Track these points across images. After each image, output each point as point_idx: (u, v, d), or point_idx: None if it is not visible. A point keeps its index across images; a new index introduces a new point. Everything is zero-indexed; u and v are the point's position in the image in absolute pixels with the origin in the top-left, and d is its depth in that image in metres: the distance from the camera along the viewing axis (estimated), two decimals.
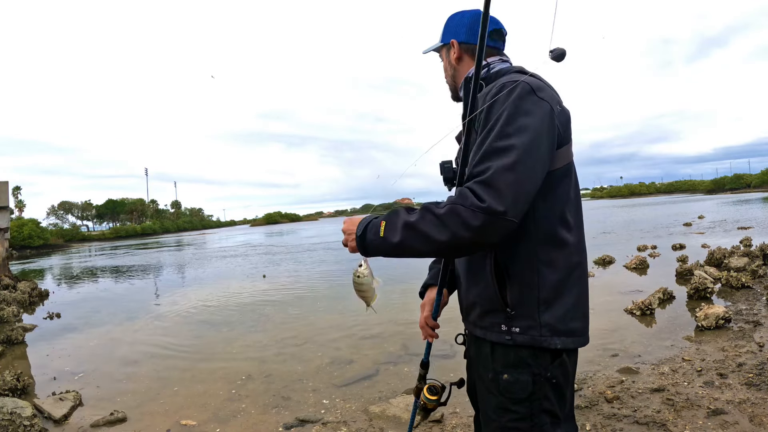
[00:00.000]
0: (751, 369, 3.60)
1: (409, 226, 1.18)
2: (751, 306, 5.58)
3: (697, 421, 2.88)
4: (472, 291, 1.38)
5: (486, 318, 1.33)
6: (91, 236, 78.28)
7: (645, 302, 5.75)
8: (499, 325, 1.29)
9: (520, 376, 1.26)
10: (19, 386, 4.33)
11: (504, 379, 1.27)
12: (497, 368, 1.30)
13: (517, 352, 1.28)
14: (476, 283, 1.35)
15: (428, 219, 1.16)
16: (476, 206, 1.10)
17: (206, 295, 10.07)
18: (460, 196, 1.14)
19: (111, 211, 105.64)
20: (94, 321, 7.97)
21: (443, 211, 1.14)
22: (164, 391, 4.28)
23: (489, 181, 1.11)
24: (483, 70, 1.39)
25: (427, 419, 1.61)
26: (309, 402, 3.80)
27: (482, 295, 1.33)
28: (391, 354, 4.94)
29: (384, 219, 1.25)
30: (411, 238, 1.18)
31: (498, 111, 1.21)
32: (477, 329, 1.38)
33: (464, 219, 1.11)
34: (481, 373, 1.38)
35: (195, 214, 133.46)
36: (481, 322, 1.35)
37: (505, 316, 1.28)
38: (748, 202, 38.32)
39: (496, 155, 1.14)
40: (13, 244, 33.91)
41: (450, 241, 1.13)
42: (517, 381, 1.26)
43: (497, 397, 1.29)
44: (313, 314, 7.31)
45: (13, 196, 73.78)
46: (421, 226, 1.16)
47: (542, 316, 1.26)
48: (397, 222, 1.21)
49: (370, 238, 1.26)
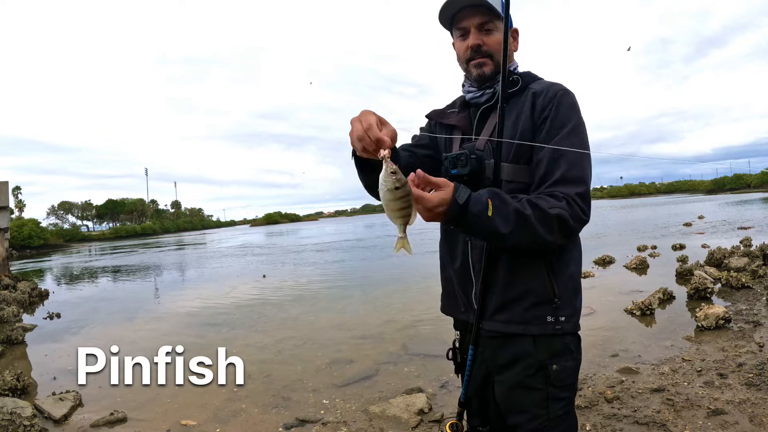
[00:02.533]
0: (751, 369, 3.60)
1: (523, 217, 1.22)
2: (751, 306, 5.58)
3: (697, 421, 2.88)
4: (516, 286, 1.36)
5: (530, 311, 1.35)
6: (91, 236, 78.37)
7: (645, 302, 5.75)
8: (545, 316, 1.35)
9: (567, 363, 1.35)
10: (19, 386, 4.33)
11: (554, 369, 1.33)
12: (543, 360, 1.34)
13: (562, 340, 1.35)
14: (522, 277, 1.36)
15: (539, 216, 1.23)
16: (580, 219, 1.26)
17: (206, 295, 10.07)
18: (569, 205, 1.25)
19: (111, 211, 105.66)
20: (94, 321, 7.96)
21: (554, 213, 1.23)
22: (164, 392, 4.27)
23: (586, 195, 1.27)
24: (515, 67, 1.49)
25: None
26: (309, 402, 3.80)
27: (530, 288, 1.36)
28: (391, 354, 4.94)
29: (488, 197, 1.22)
30: (522, 229, 1.22)
31: (573, 118, 1.33)
32: (512, 326, 1.37)
33: (569, 227, 1.25)
34: (513, 375, 1.37)
35: (195, 214, 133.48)
36: (522, 316, 1.36)
37: (553, 306, 1.34)
38: (748, 202, 38.32)
39: (583, 170, 1.29)
40: (13, 244, 33.92)
41: (551, 242, 1.25)
42: (565, 369, 1.35)
43: (543, 390, 1.34)
44: (313, 314, 7.31)
45: (13, 196, 73.84)
46: (533, 220, 1.22)
47: (576, 304, 1.39)
48: (507, 208, 1.22)
49: (476, 210, 1.19)
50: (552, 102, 1.34)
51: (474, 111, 1.52)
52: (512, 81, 1.42)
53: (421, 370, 4.35)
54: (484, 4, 1.39)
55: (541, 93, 1.37)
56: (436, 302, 1.67)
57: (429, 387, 3.89)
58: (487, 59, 1.44)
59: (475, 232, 1.27)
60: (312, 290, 9.72)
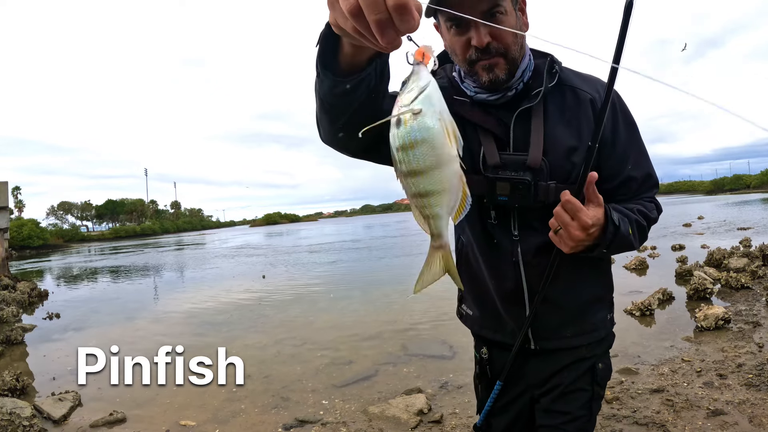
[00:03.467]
0: (751, 369, 3.60)
1: (643, 229, 1.23)
2: (750, 307, 5.58)
3: (697, 421, 2.88)
4: (586, 290, 1.29)
5: (598, 314, 1.33)
6: (91, 236, 78.31)
7: (644, 303, 5.75)
8: (607, 315, 1.35)
9: (607, 360, 1.35)
10: (19, 386, 4.33)
11: (600, 368, 1.32)
12: (594, 361, 1.32)
13: (608, 338, 1.36)
14: (590, 281, 1.32)
15: (649, 225, 1.25)
16: (656, 220, 1.26)
17: (206, 295, 10.06)
18: (657, 209, 1.27)
19: (110, 212, 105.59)
20: (93, 321, 7.96)
21: (653, 217, 1.25)
22: (163, 392, 4.27)
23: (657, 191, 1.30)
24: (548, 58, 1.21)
25: None
26: (308, 402, 3.80)
27: (597, 291, 1.34)
28: (390, 354, 4.94)
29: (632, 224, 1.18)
30: (643, 240, 1.23)
31: (631, 118, 1.26)
32: (581, 336, 1.29)
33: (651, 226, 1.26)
34: (561, 377, 1.30)
35: (194, 215, 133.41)
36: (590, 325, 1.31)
37: (610, 304, 1.37)
38: (748, 203, 38.32)
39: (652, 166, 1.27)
40: (13, 245, 33.84)
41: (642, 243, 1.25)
42: (607, 366, 1.35)
43: (589, 391, 1.31)
44: (312, 314, 7.30)
45: (13, 196, 73.78)
46: (646, 231, 1.24)
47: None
48: (632, 222, 1.18)
49: (624, 230, 1.12)
50: (613, 103, 1.16)
51: (504, 112, 1.19)
52: (553, 74, 1.17)
53: (420, 371, 4.35)
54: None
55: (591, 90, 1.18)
56: (435, 303, 1.67)
57: (428, 387, 3.89)
58: (500, 59, 1.10)
59: (612, 252, 1.16)
60: (311, 291, 9.71)
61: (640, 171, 1.24)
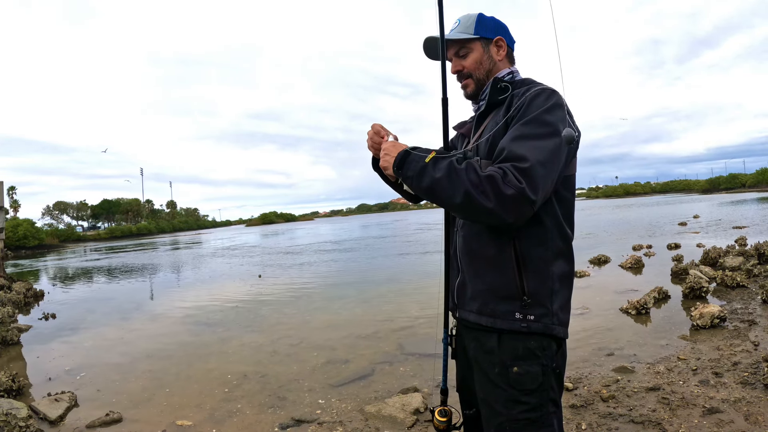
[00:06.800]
0: (747, 368, 3.62)
1: (455, 170, 1.26)
2: (746, 305, 5.61)
3: (693, 420, 2.89)
4: (485, 277, 1.40)
5: (500, 305, 1.36)
6: (87, 236, 77.75)
7: (640, 301, 5.77)
8: (513, 312, 1.35)
9: (530, 368, 1.33)
10: (15, 387, 4.31)
11: (514, 372, 1.33)
12: (506, 361, 1.35)
13: (526, 344, 1.34)
14: (491, 269, 1.39)
15: (471, 173, 1.24)
16: (513, 184, 1.20)
17: (202, 295, 10.04)
18: (501, 170, 1.23)
19: (106, 212, 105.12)
20: (89, 321, 7.93)
21: (485, 174, 1.23)
22: (160, 392, 4.26)
23: (527, 170, 1.22)
24: (509, 75, 1.55)
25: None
26: (305, 402, 3.79)
27: (498, 282, 1.37)
28: (386, 354, 4.94)
29: (436, 153, 1.34)
30: (450, 180, 1.26)
31: (536, 111, 1.31)
32: (483, 317, 1.40)
33: (499, 188, 1.20)
34: (484, 367, 1.40)
35: (190, 214, 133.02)
36: (490, 309, 1.38)
37: (522, 303, 1.34)
38: (744, 202, 38.51)
39: (533, 151, 1.25)
40: (8, 245, 33.69)
41: (477, 200, 1.21)
42: (527, 372, 1.33)
43: (506, 391, 1.34)
44: (308, 314, 7.29)
45: (8, 196, 73.34)
46: (463, 176, 1.24)
47: (553, 305, 1.36)
48: (443, 162, 1.29)
49: (415, 155, 1.35)
50: (524, 100, 1.36)
51: (477, 119, 1.63)
52: (501, 88, 1.50)
53: (416, 370, 4.36)
54: (448, 40, 1.54)
55: (519, 95, 1.41)
56: (431, 301, 1.70)
57: (425, 386, 3.89)
58: (468, 80, 1.58)
59: (412, 182, 1.35)
60: (307, 290, 9.71)
61: (509, 145, 1.29)
